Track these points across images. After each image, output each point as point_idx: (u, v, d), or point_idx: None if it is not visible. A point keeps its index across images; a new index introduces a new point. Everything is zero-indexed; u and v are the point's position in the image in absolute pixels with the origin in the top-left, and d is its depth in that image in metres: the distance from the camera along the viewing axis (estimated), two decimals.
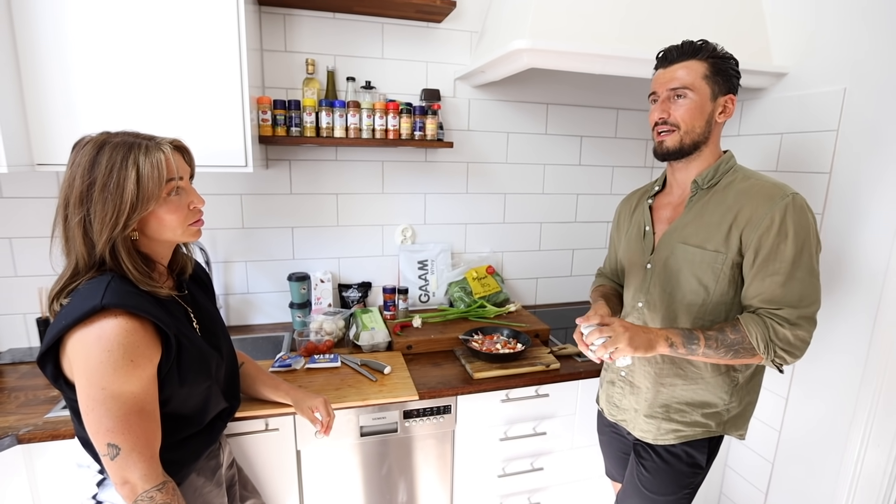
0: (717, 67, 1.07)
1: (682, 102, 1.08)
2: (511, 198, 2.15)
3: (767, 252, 1.02)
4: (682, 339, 1.03)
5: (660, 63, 1.14)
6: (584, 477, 1.77)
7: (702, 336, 1.03)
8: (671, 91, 1.09)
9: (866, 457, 1.45)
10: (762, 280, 1.03)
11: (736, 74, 1.10)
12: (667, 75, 1.10)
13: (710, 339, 1.03)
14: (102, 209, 0.85)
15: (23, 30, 1.27)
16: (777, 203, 1.02)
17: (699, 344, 1.03)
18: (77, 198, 0.85)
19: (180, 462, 0.97)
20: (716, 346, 1.03)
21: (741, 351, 1.03)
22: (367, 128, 1.72)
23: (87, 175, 0.85)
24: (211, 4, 1.37)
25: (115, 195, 0.84)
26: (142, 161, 0.86)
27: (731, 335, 1.03)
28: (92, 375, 0.81)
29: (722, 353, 1.03)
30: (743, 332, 1.02)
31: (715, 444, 1.22)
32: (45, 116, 1.32)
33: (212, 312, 1.11)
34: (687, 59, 1.08)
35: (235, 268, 1.89)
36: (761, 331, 1.01)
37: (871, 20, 1.40)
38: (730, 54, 1.10)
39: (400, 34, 1.86)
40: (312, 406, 1.25)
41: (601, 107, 2.17)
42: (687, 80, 1.07)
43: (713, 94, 1.08)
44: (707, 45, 1.08)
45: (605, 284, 1.45)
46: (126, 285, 0.87)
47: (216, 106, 1.42)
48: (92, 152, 0.86)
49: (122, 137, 0.89)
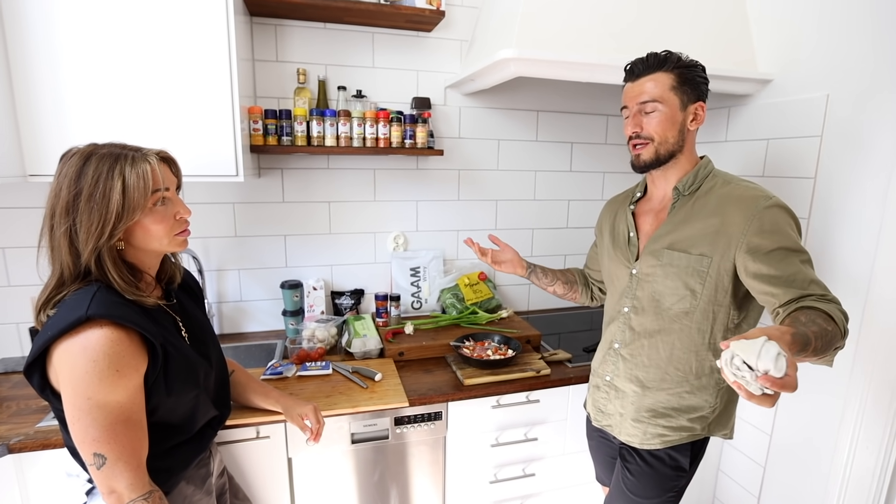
0: (684, 77, 1.09)
1: (654, 115, 1.10)
2: (502, 204, 2.17)
3: (773, 249, 1.00)
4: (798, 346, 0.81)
5: (627, 76, 1.16)
6: (576, 483, 1.77)
7: (812, 338, 0.84)
8: (641, 105, 1.11)
9: (856, 459, 1.46)
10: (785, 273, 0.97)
11: (703, 81, 1.12)
12: (636, 89, 1.12)
13: (818, 338, 0.84)
14: (88, 219, 0.86)
15: (14, 42, 1.29)
16: (762, 205, 1.04)
17: (810, 348, 0.83)
18: (63, 208, 0.86)
19: (169, 470, 0.97)
20: (820, 346, 0.85)
21: (831, 343, 0.87)
22: (359, 136, 1.73)
23: (73, 185, 0.86)
24: (201, 15, 1.38)
25: (100, 205, 0.86)
26: (128, 172, 0.88)
27: (827, 326, 0.88)
28: (78, 385, 0.81)
29: (821, 349, 0.86)
30: (831, 320, 0.89)
31: (699, 447, 1.22)
32: (37, 128, 1.34)
33: (201, 321, 1.12)
34: (653, 72, 1.10)
35: (228, 276, 1.90)
36: (838, 314, 0.91)
37: (852, 29, 1.43)
38: (695, 62, 1.11)
39: (390, 43, 1.89)
40: (302, 413, 1.25)
41: (591, 113, 2.20)
42: (655, 93, 1.09)
43: (682, 104, 1.10)
44: (671, 55, 1.10)
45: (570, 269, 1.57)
46: (112, 296, 0.88)
47: (207, 116, 1.44)
48: (79, 163, 0.88)
49: (108, 149, 0.90)
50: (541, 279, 1.50)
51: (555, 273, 1.52)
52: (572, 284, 1.52)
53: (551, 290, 1.52)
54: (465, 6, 1.93)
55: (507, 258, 1.50)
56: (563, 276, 1.52)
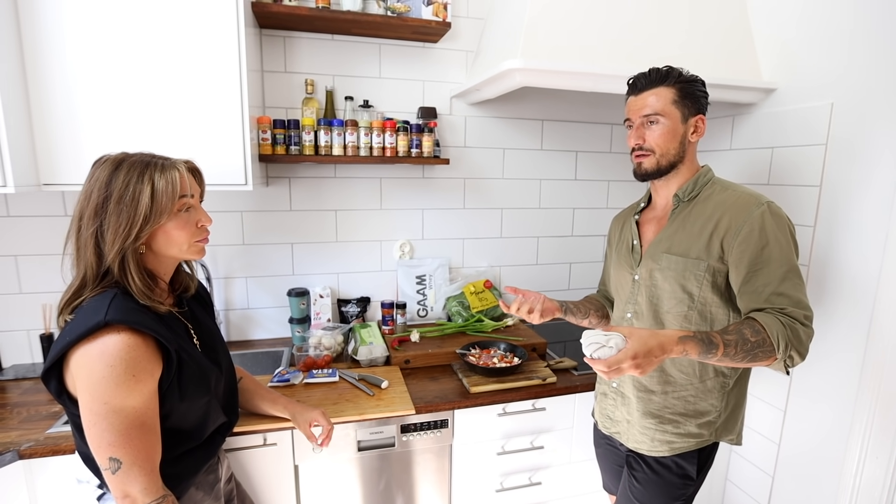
0: (685, 91, 1.12)
1: (656, 128, 1.13)
2: (508, 213, 2.18)
3: (753, 257, 1.04)
4: (698, 351, 0.94)
5: (630, 90, 1.19)
6: (583, 491, 1.76)
7: (721, 344, 0.95)
8: (644, 118, 1.14)
9: (865, 469, 1.45)
10: (756, 283, 1.03)
11: (703, 95, 1.15)
12: (638, 102, 1.15)
13: (730, 345, 0.96)
14: (117, 220, 0.88)
15: (31, 52, 1.32)
16: (754, 211, 1.06)
17: (716, 353, 0.95)
18: (93, 210, 0.89)
19: (179, 476, 0.98)
20: (734, 353, 0.96)
21: (759, 355, 0.97)
22: (365, 145, 1.75)
23: (104, 189, 0.89)
24: (212, 28, 1.41)
25: (129, 207, 0.88)
26: (157, 177, 0.91)
27: (752, 338, 0.97)
28: (95, 390, 0.83)
29: (739, 358, 0.97)
30: (763, 333, 0.97)
31: (706, 455, 1.22)
32: (51, 139, 1.36)
33: (211, 328, 1.13)
34: (656, 86, 1.13)
35: (236, 284, 1.91)
36: (782, 330, 0.97)
37: (854, 38, 1.44)
38: (695, 76, 1.15)
39: (397, 54, 1.91)
40: (310, 419, 1.26)
41: (595, 122, 2.21)
42: (658, 107, 1.12)
43: (684, 117, 1.13)
44: (672, 70, 1.13)
45: (591, 295, 1.51)
46: (129, 302, 0.90)
47: (217, 126, 1.46)
48: (110, 168, 0.91)
49: (139, 157, 0.94)
50: (575, 315, 1.42)
51: (585, 305, 1.45)
52: (602, 309, 1.46)
53: (586, 322, 1.44)
54: (470, 17, 1.96)
55: (547, 306, 1.34)
56: (591, 305, 1.45)
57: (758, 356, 0.97)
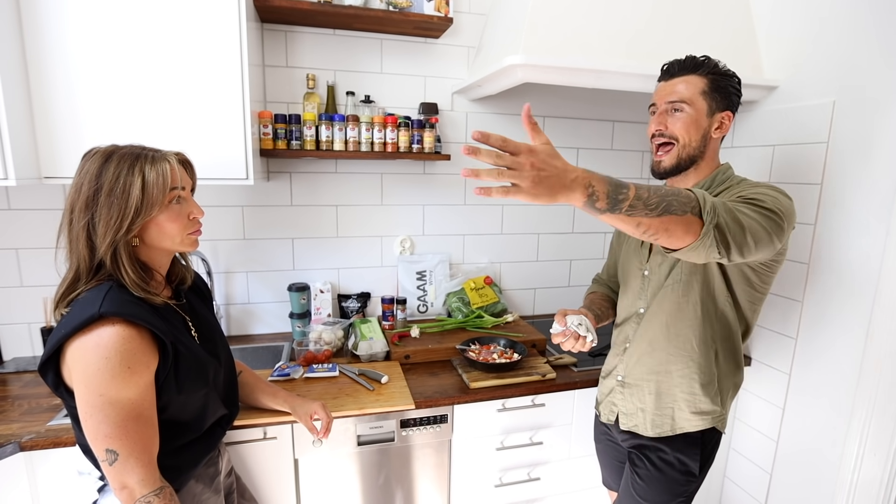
0: (717, 84, 1.09)
1: (679, 116, 1.10)
2: (509, 209, 2.18)
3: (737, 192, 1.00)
4: (606, 189, 0.77)
5: (662, 76, 1.17)
6: (582, 487, 1.77)
7: (633, 186, 0.80)
8: (669, 104, 1.11)
9: (863, 466, 1.45)
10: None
11: (736, 92, 1.12)
12: (667, 88, 1.13)
13: (643, 188, 0.81)
14: (108, 213, 0.88)
15: (33, 50, 1.32)
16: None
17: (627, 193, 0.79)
18: (83, 203, 0.89)
19: (179, 468, 0.99)
20: (647, 196, 0.80)
21: (674, 204, 0.81)
22: (367, 141, 1.75)
23: (94, 182, 0.89)
24: (214, 22, 1.41)
25: (120, 199, 0.88)
26: (147, 169, 0.91)
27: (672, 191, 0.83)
28: (90, 382, 0.83)
29: (653, 205, 0.80)
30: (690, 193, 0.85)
31: (708, 452, 1.22)
32: (52, 131, 1.36)
33: (210, 321, 1.14)
34: (687, 74, 1.10)
35: (236, 278, 1.91)
36: (716, 200, 0.86)
37: (857, 36, 1.43)
38: (731, 72, 1.12)
39: (399, 49, 1.91)
40: (310, 411, 1.27)
41: (597, 119, 2.21)
42: (685, 95, 1.09)
43: (710, 110, 1.10)
44: (709, 61, 1.10)
45: (597, 291, 1.48)
46: (124, 294, 0.90)
47: (218, 120, 1.46)
48: (100, 161, 0.91)
49: (129, 149, 0.94)
50: (603, 320, 1.38)
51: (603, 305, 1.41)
52: (614, 306, 1.43)
53: (608, 321, 1.41)
54: (472, 13, 1.95)
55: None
56: (606, 303, 1.43)
57: (672, 205, 0.81)
